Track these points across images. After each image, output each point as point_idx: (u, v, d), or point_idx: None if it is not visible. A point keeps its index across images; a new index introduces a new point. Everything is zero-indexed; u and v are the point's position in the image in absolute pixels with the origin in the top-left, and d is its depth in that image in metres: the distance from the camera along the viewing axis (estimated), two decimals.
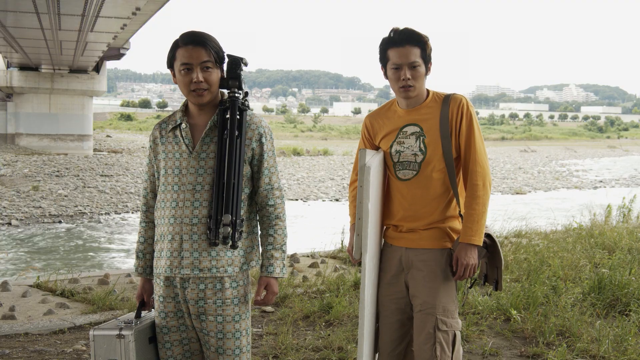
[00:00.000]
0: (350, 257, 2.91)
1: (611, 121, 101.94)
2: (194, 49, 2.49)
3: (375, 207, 2.85)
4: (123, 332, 2.52)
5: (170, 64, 2.58)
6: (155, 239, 2.62)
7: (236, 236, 2.46)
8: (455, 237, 2.86)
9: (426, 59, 2.82)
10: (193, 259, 2.50)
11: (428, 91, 2.91)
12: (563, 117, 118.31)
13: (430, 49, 2.82)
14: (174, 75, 2.59)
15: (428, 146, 2.82)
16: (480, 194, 2.77)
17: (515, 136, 66.73)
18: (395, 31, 2.80)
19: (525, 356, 4.40)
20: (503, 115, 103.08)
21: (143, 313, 2.70)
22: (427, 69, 2.84)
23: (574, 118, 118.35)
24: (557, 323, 4.78)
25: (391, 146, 2.90)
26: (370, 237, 2.79)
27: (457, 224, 2.87)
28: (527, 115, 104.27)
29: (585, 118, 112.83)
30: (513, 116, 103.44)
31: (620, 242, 7.41)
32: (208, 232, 2.48)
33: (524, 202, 20.21)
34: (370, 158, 2.81)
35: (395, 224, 2.92)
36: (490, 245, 2.90)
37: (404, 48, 2.77)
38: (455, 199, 2.84)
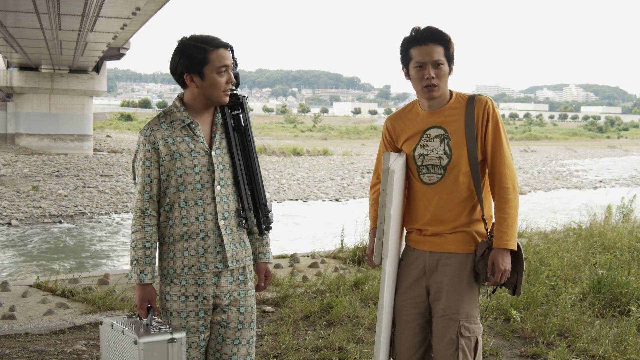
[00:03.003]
0: (370, 261, 2.88)
1: (611, 121, 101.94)
2: (225, 51, 2.59)
3: (397, 211, 2.81)
4: (175, 336, 2.48)
5: (200, 67, 2.53)
6: (171, 240, 2.58)
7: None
8: (480, 240, 2.79)
9: (449, 58, 2.75)
10: (232, 251, 2.60)
11: (451, 92, 2.83)
12: (563, 117, 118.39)
13: (454, 48, 2.77)
14: (201, 79, 2.54)
15: (453, 149, 2.75)
16: (511, 197, 2.73)
17: (515, 136, 66.65)
18: (417, 30, 2.74)
19: (525, 356, 4.40)
20: (503, 115, 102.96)
21: (144, 320, 2.60)
22: (450, 69, 2.77)
23: (574, 118, 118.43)
24: (557, 323, 4.79)
25: (414, 149, 2.83)
26: (391, 241, 2.77)
27: (482, 228, 2.81)
28: (527, 115, 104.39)
29: (585, 118, 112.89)
30: (513, 116, 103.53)
31: (620, 242, 7.41)
32: (243, 222, 2.61)
33: (524, 202, 20.19)
34: (393, 161, 2.76)
35: (419, 228, 2.85)
36: (514, 250, 2.81)
37: (427, 46, 2.71)
38: (479, 203, 2.78)
